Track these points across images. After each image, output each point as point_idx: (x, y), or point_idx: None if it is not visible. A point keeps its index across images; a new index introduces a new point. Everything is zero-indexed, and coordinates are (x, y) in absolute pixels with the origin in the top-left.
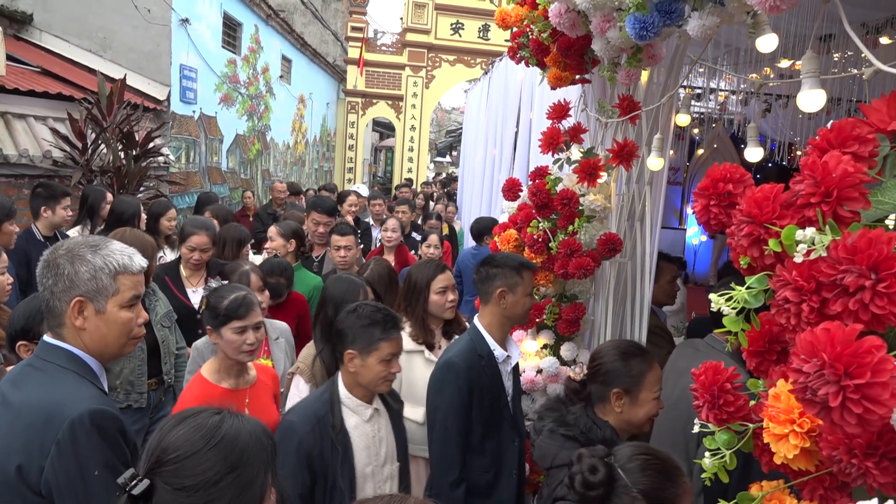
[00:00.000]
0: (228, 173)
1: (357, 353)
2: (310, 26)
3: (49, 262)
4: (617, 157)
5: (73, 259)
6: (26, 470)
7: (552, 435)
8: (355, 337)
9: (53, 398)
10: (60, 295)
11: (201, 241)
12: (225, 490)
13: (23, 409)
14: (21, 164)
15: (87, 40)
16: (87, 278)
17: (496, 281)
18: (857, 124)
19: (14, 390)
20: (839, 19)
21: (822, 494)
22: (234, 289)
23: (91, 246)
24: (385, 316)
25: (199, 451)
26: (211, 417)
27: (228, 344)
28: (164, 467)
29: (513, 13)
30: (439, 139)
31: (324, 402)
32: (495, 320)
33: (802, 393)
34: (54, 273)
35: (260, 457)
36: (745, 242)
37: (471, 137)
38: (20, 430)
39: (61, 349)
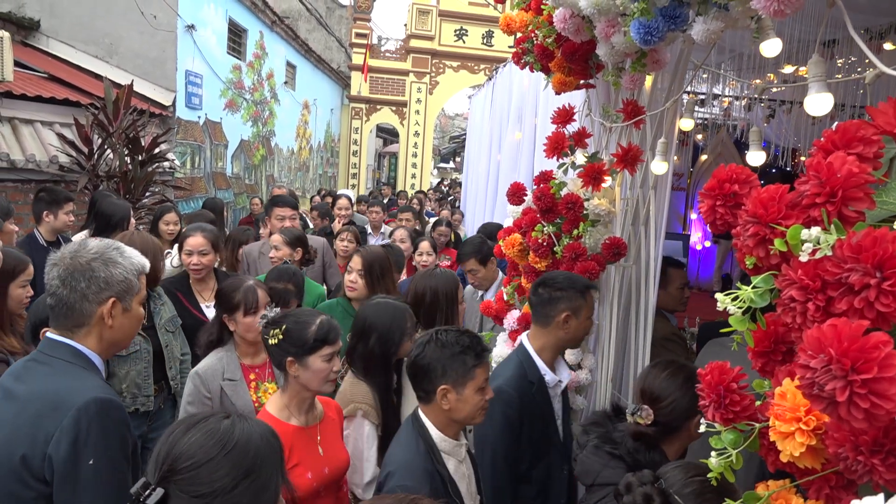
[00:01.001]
0: (233, 178)
1: (451, 387)
2: (314, 32)
3: (79, 266)
4: (621, 162)
5: (106, 262)
6: (30, 458)
7: (597, 451)
8: (446, 369)
9: (60, 388)
10: (92, 297)
11: (197, 243)
12: (242, 494)
13: (29, 400)
14: (28, 168)
15: (93, 46)
16: (120, 279)
17: (560, 304)
18: (862, 126)
19: (18, 383)
20: (843, 24)
21: (828, 493)
22: (310, 313)
23: (116, 249)
24: (472, 339)
25: (214, 457)
26: (221, 423)
27: (316, 374)
28: (178, 475)
29: (517, 19)
30: (443, 145)
31: (423, 453)
32: (551, 343)
33: (810, 389)
34: (87, 276)
35: (272, 459)
36: (751, 242)
37: (474, 143)
38: (27, 420)
39: (66, 345)
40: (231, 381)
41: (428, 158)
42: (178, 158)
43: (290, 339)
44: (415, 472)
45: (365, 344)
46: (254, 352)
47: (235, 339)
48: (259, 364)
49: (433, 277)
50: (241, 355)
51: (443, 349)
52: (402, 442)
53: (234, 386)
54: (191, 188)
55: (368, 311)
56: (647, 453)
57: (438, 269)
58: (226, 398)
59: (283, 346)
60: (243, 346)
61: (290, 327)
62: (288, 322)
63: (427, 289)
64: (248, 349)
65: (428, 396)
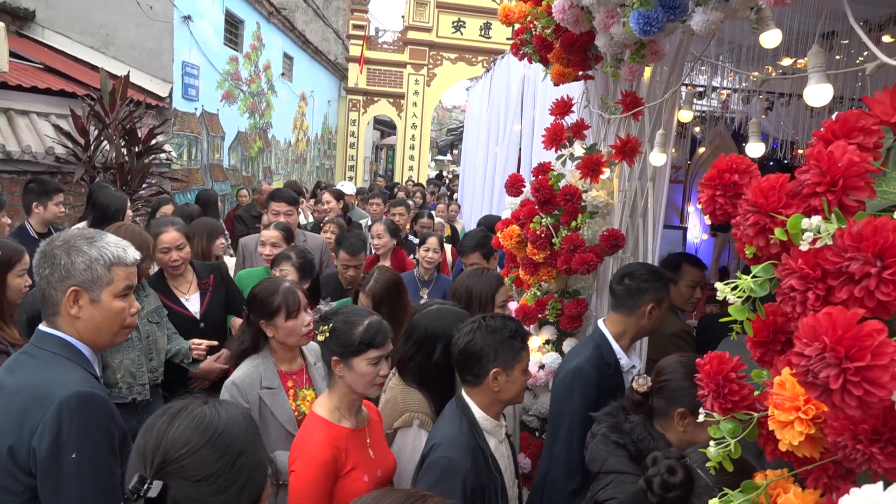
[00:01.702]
0: (230, 170)
1: (502, 369)
2: (311, 24)
3: (45, 252)
4: (620, 154)
5: (69, 250)
6: (16, 450)
7: (604, 440)
8: (498, 353)
9: (45, 380)
10: (56, 284)
11: (172, 238)
12: (243, 468)
13: (16, 392)
14: (24, 160)
15: (89, 37)
16: (82, 269)
17: (647, 295)
18: (861, 116)
19: (9, 376)
20: (842, 16)
21: (826, 482)
22: (360, 312)
23: (87, 238)
24: (516, 324)
25: (210, 440)
26: (204, 408)
27: (361, 377)
28: (173, 465)
29: (516, 9)
30: (440, 137)
31: (466, 430)
32: (631, 331)
33: (804, 376)
34: (51, 263)
35: (257, 438)
36: (751, 232)
37: (472, 135)
38: (13, 412)
39: (55, 337)
40: (270, 390)
41: (425, 151)
42: (175, 150)
43: (337, 339)
44: (459, 446)
45: (427, 354)
46: (291, 357)
47: (272, 345)
48: (296, 370)
49: (474, 277)
50: (278, 361)
51: (493, 334)
52: (446, 420)
53: (273, 394)
54: (187, 180)
55: (429, 320)
56: (651, 442)
57: (485, 271)
58: (265, 408)
59: (330, 345)
60: (281, 351)
61: (337, 326)
62: (336, 320)
63: (463, 288)
64: (285, 355)
65: (477, 380)
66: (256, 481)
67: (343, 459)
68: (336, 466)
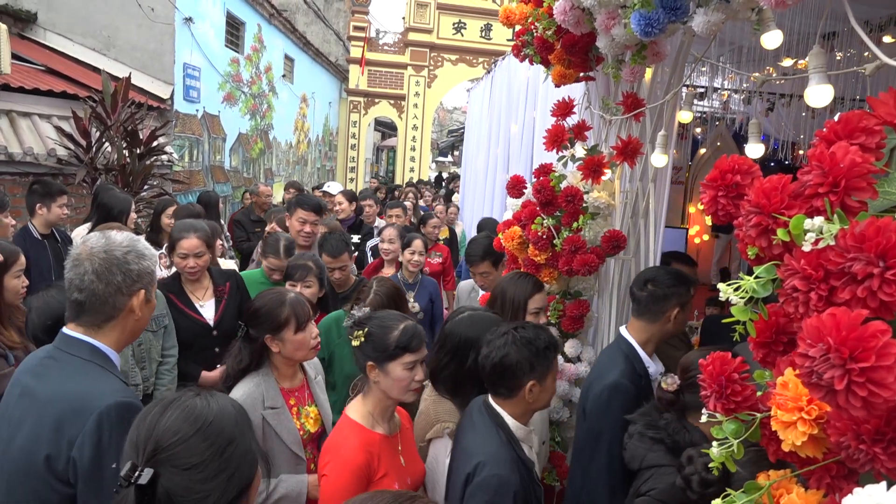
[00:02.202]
0: (231, 172)
1: (537, 381)
2: (312, 26)
3: (115, 260)
4: (621, 155)
5: (139, 255)
6: (54, 459)
7: (641, 438)
8: (534, 366)
9: (82, 390)
10: (126, 289)
11: (191, 245)
12: (232, 457)
13: (51, 400)
14: (25, 161)
15: (91, 39)
16: (149, 271)
17: (672, 300)
18: (863, 116)
19: (38, 382)
20: (842, 17)
21: (829, 483)
22: (394, 316)
23: (140, 241)
24: (547, 333)
25: (200, 428)
26: (194, 399)
27: (396, 382)
28: (164, 453)
29: (517, 11)
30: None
31: (506, 443)
32: (656, 337)
33: (808, 377)
34: (123, 270)
35: (248, 426)
36: (754, 232)
37: (473, 137)
38: (49, 421)
39: (83, 342)
40: (273, 410)
41: (426, 152)
42: (177, 152)
43: (372, 343)
44: (504, 462)
45: (460, 362)
46: (292, 373)
47: (274, 362)
48: (298, 386)
49: (510, 281)
50: (280, 379)
51: (528, 346)
52: (483, 433)
53: (277, 414)
54: (189, 181)
55: (462, 328)
56: (686, 434)
57: (523, 276)
58: (268, 429)
59: (365, 350)
60: (283, 368)
61: (372, 330)
62: (372, 324)
63: (499, 291)
64: (286, 371)
65: (511, 393)
66: (246, 470)
67: (375, 465)
68: (369, 472)
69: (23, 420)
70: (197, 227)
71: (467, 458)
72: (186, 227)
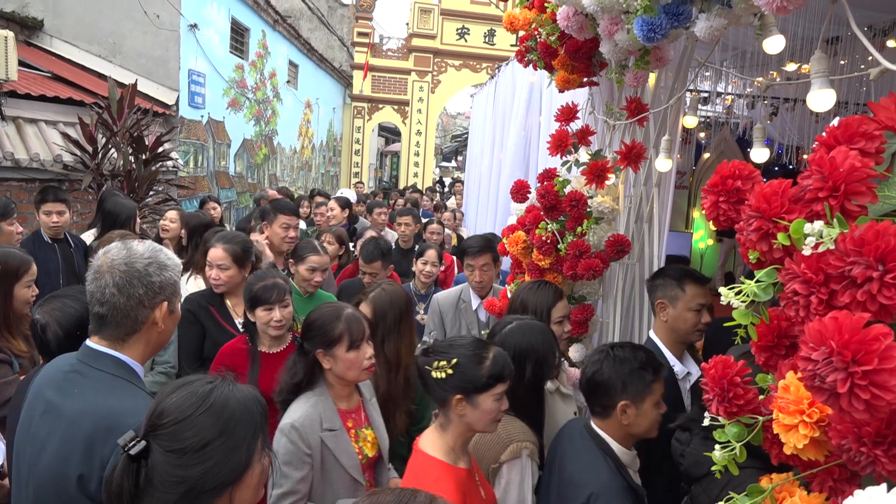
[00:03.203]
0: (236, 177)
1: (631, 402)
2: (316, 32)
3: (136, 273)
4: (625, 159)
5: (160, 267)
6: (87, 480)
7: (704, 442)
8: (626, 385)
9: (112, 407)
10: (148, 302)
11: (215, 256)
12: (212, 454)
13: (79, 418)
14: (32, 167)
15: (97, 46)
16: (172, 282)
17: (656, 292)
18: (863, 121)
19: (63, 397)
20: (845, 22)
21: (831, 486)
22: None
23: (162, 252)
24: (648, 354)
25: (189, 416)
26: (204, 386)
27: (485, 414)
28: (159, 430)
29: (521, 17)
30: (445, 144)
31: (614, 470)
32: (673, 337)
33: (811, 380)
34: (145, 283)
35: (248, 423)
36: (755, 237)
37: (477, 142)
38: (80, 439)
39: (108, 356)
40: (331, 432)
41: (430, 157)
42: (182, 157)
43: (462, 375)
44: (618, 492)
45: (518, 375)
46: (348, 393)
47: (328, 380)
48: (354, 408)
49: (530, 291)
50: (336, 399)
51: (621, 365)
52: (590, 460)
53: (336, 437)
54: (194, 187)
55: (516, 338)
56: None
57: (542, 284)
58: (327, 452)
59: (452, 382)
60: (338, 387)
61: (462, 361)
62: (459, 354)
63: (519, 301)
64: (342, 391)
65: (606, 412)
66: (226, 468)
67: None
68: None
69: (49, 438)
70: (229, 237)
71: (577, 489)
72: (218, 238)
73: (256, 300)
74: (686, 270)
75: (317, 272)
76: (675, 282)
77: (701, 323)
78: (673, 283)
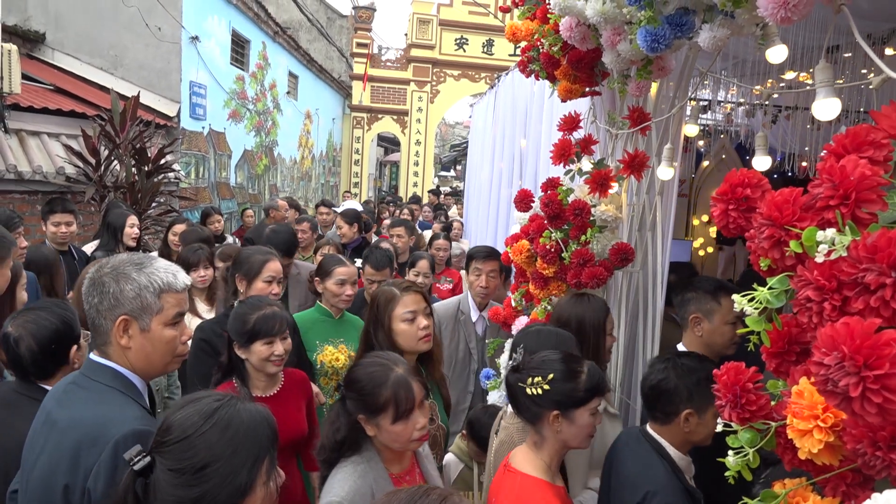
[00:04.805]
0: (237, 188)
1: (694, 411)
2: (315, 43)
3: (94, 280)
4: (628, 168)
5: (118, 277)
6: (72, 490)
7: None
8: (692, 395)
9: (100, 417)
10: (106, 313)
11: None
12: (210, 476)
13: (69, 428)
14: (35, 180)
15: (98, 58)
16: (132, 297)
17: (690, 305)
18: (871, 130)
19: (60, 409)
20: (846, 31)
21: (844, 491)
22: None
23: (136, 264)
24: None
25: (190, 436)
26: (210, 403)
27: (581, 429)
28: (163, 447)
29: (523, 27)
30: (443, 153)
31: (671, 472)
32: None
33: (824, 385)
34: (99, 291)
35: (251, 446)
36: (767, 244)
37: (477, 151)
38: (67, 449)
39: (106, 367)
40: None
41: (429, 167)
42: (183, 169)
43: (559, 390)
44: (676, 492)
45: None
46: (400, 456)
47: (377, 445)
48: (407, 469)
49: (580, 304)
50: (388, 464)
51: (689, 375)
52: (646, 461)
53: None
54: (196, 198)
55: (529, 342)
56: None
57: (589, 298)
58: None
59: (550, 397)
60: (388, 452)
61: (559, 377)
62: (553, 369)
63: (573, 316)
64: (393, 455)
65: (667, 418)
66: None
67: None
68: None
69: (44, 448)
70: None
71: (633, 488)
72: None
73: (255, 333)
74: (719, 283)
75: (346, 284)
76: (710, 295)
77: (736, 336)
78: (707, 296)
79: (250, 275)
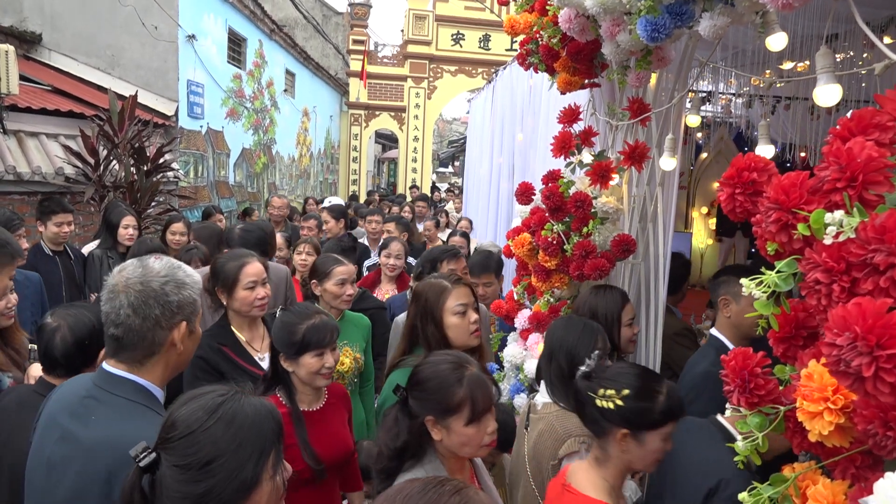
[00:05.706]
0: (236, 187)
1: None
2: (311, 40)
3: (152, 293)
4: (628, 159)
5: (178, 286)
6: None
7: None
8: None
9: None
10: (165, 323)
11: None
12: (216, 471)
13: (96, 448)
14: (34, 181)
15: (95, 58)
16: (190, 301)
17: (719, 289)
18: (876, 113)
19: (79, 425)
20: (844, 19)
21: (853, 473)
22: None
23: (180, 268)
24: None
25: (195, 431)
26: (214, 399)
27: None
28: (167, 443)
29: (522, 20)
30: (441, 149)
31: None
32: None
33: (836, 365)
34: (161, 302)
35: (256, 440)
36: (774, 228)
37: (475, 146)
38: (99, 471)
39: (127, 380)
40: None
41: (428, 163)
42: (182, 168)
43: (633, 409)
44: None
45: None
46: (462, 466)
47: (441, 451)
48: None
49: (595, 296)
50: (450, 473)
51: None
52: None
53: None
54: (195, 197)
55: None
56: None
57: (608, 289)
58: None
59: (621, 414)
60: (453, 460)
61: (633, 394)
62: (629, 384)
63: (586, 307)
64: (455, 464)
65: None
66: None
67: None
68: None
69: (66, 467)
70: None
71: (704, 474)
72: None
73: (306, 345)
74: (749, 268)
75: (346, 284)
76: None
77: None
78: (736, 279)
79: (228, 284)
